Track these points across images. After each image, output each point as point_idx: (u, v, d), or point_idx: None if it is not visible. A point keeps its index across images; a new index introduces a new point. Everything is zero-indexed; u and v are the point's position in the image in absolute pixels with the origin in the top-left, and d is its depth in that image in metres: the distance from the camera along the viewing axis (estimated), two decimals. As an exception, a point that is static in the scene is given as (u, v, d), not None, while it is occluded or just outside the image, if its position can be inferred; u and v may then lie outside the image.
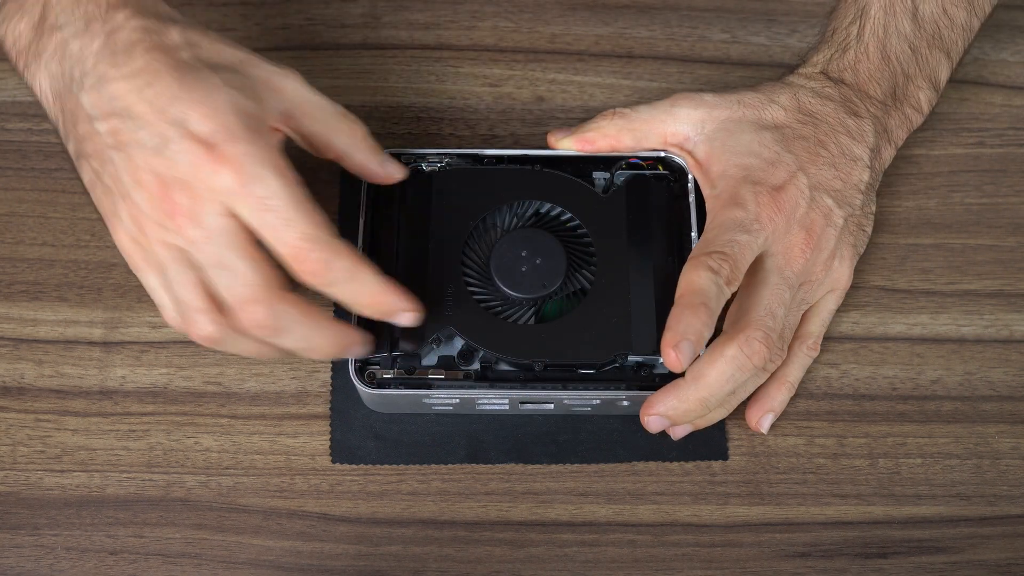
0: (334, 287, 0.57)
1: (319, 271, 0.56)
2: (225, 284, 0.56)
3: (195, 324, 0.57)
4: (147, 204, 0.55)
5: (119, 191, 0.56)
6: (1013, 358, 0.69)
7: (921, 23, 0.68)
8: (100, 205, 0.58)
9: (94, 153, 0.57)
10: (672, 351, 0.59)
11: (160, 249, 0.56)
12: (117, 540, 0.64)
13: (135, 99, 0.55)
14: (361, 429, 0.66)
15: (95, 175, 0.57)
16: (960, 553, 0.65)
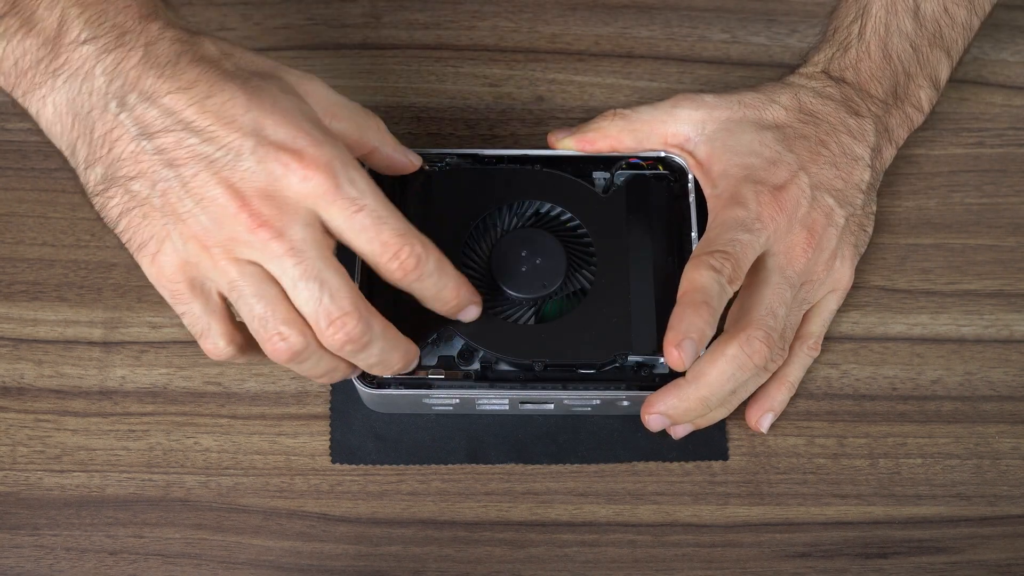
0: (424, 280, 0.56)
1: (413, 266, 0.55)
2: (314, 298, 0.54)
3: (282, 339, 0.55)
4: (218, 220, 0.53)
5: (174, 211, 0.53)
6: (1013, 358, 0.69)
7: (922, 21, 0.68)
8: (136, 233, 0.55)
9: (138, 175, 0.53)
10: (675, 350, 0.59)
11: (229, 267, 0.53)
12: (117, 540, 0.64)
13: (196, 112, 0.53)
14: (361, 429, 0.66)
15: (134, 200, 0.54)
16: (960, 553, 0.65)
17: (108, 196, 0.54)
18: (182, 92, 0.53)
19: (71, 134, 0.54)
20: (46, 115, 0.54)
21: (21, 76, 0.54)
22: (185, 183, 0.53)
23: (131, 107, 0.53)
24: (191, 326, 0.56)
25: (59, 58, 0.53)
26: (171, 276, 0.55)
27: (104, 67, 0.53)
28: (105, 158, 0.54)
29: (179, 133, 0.53)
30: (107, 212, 0.55)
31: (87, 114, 0.53)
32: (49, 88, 0.54)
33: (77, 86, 0.53)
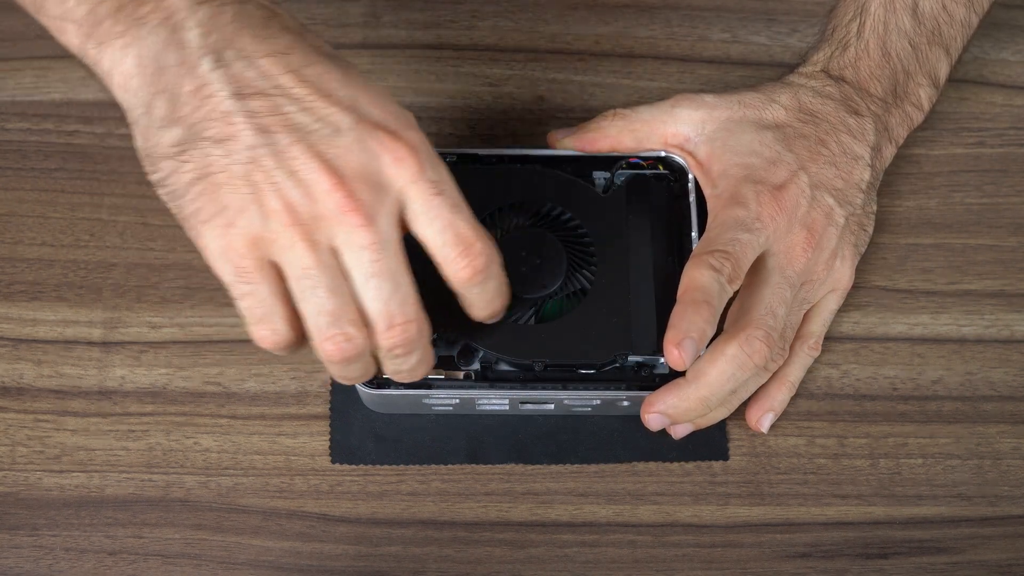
0: (485, 284, 0.54)
1: (483, 265, 0.53)
2: (384, 298, 0.51)
3: (347, 339, 0.52)
4: (310, 196, 0.50)
5: (261, 182, 0.50)
6: (1014, 358, 0.69)
7: (921, 19, 0.68)
8: (209, 202, 0.50)
9: (226, 138, 0.49)
10: (675, 349, 0.59)
11: (308, 252, 0.50)
12: (116, 540, 0.64)
13: (293, 80, 0.50)
14: (361, 429, 0.66)
15: (214, 165, 0.50)
16: (961, 553, 0.65)
17: (183, 160, 0.50)
18: (279, 56, 0.50)
19: (150, 89, 0.50)
20: (124, 68, 0.49)
21: (97, 25, 0.49)
22: (278, 152, 0.50)
23: (227, 63, 0.49)
24: (249, 309, 0.52)
25: (144, 5, 0.49)
26: (241, 251, 0.50)
27: (198, 19, 0.49)
28: (189, 117, 0.50)
29: (276, 98, 0.50)
30: (176, 178, 0.50)
31: (174, 67, 0.49)
32: (132, 37, 0.49)
33: (165, 37, 0.49)
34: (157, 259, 0.70)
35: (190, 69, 0.49)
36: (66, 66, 0.74)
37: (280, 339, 0.53)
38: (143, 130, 0.51)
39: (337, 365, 0.53)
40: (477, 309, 0.57)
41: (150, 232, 0.70)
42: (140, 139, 0.51)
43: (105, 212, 0.71)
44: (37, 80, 0.73)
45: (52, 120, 0.73)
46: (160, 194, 0.52)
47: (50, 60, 0.74)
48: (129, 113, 0.51)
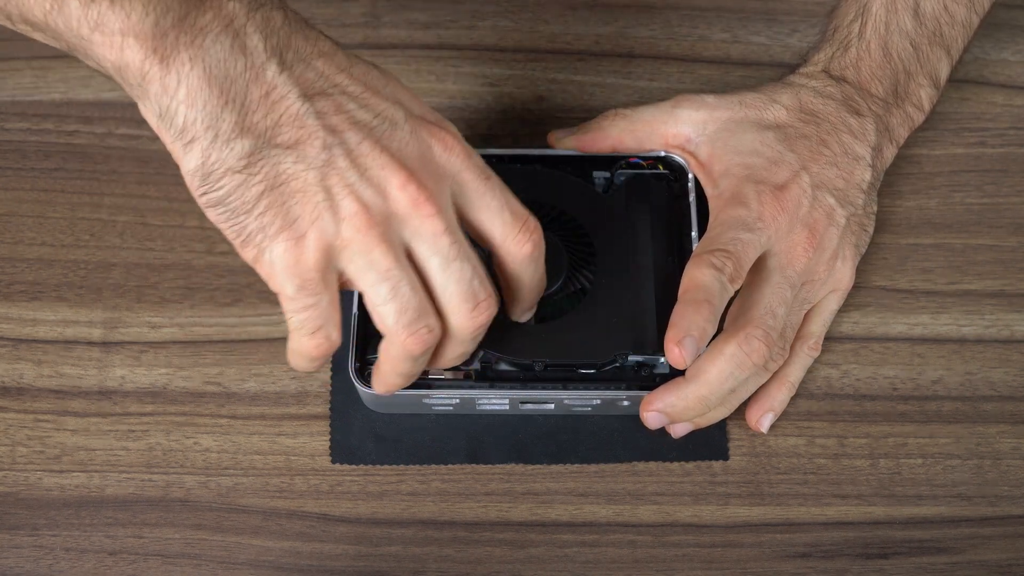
0: (541, 259, 0.56)
1: (540, 238, 0.55)
2: (466, 278, 0.52)
3: (430, 331, 0.53)
4: (383, 193, 0.50)
5: (335, 185, 0.49)
6: (1014, 358, 0.69)
7: (922, 20, 0.68)
8: (279, 215, 0.49)
9: (298, 142, 0.49)
10: (676, 347, 0.59)
11: (387, 253, 0.50)
12: (116, 540, 0.64)
13: (346, 78, 0.50)
14: (361, 429, 0.66)
15: (284, 174, 0.49)
16: (961, 553, 0.65)
17: (252, 172, 0.49)
18: (328, 57, 0.50)
19: (218, 101, 0.48)
20: (191, 82, 0.47)
21: (162, 37, 0.47)
22: (350, 151, 0.50)
23: (290, 66, 0.49)
24: (308, 320, 0.52)
25: (205, 14, 0.48)
26: (311, 263, 0.50)
27: (257, 24, 0.49)
28: (260, 124, 0.49)
29: (338, 97, 0.50)
30: (241, 192, 0.49)
31: (240, 75, 0.48)
32: (198, 48, 0.47)
33: (229, 44, 0.48)
34: (157, 259, 0.70)
35: (257, 74, 0.48)
36: (66, 66, 0.74)
37: (333, 346, 0.53)
38: (205, 148, 0.49)
39: (415, 359, 0.54)
40: (529, 290, 0.58)
41: (150, 232, 0.70)
42: (199, 157, 0.49)
43: (105, 212, 0.71)
44: (37, 80, 0.73)
45: (52, 120, 0.73)
46: (213, 215, 0.50)
47: (50, 60, 0.74)
48: (187, 131, 0.49)
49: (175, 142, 0.49)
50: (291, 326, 0.53)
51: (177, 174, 0.71)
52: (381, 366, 0.57)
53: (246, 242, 0.51)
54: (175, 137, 0.49)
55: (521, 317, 0.61)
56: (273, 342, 0.68)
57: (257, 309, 0.68)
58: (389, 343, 0.54)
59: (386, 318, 0.52)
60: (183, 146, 0.49)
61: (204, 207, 0.50)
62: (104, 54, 0.47)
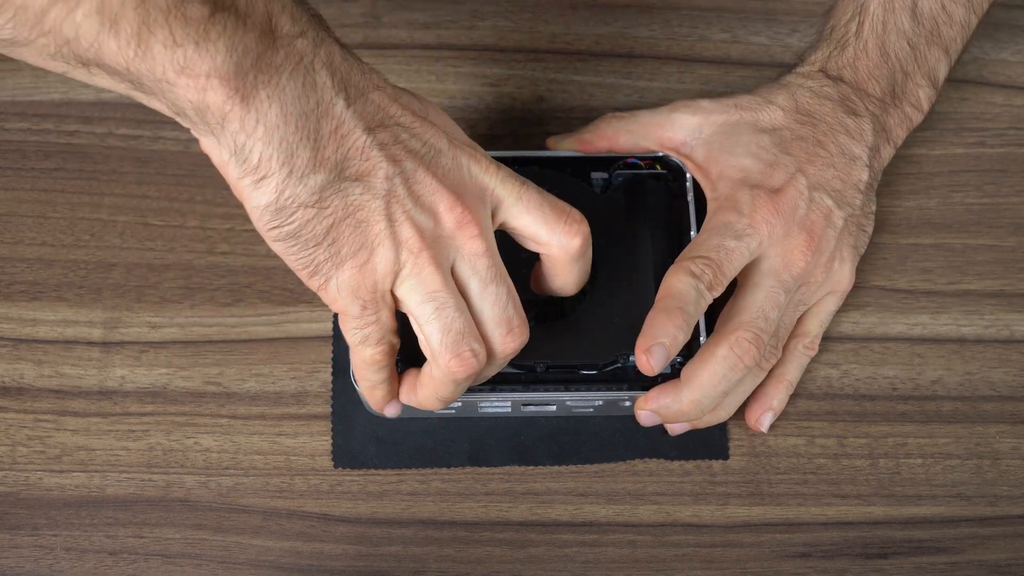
0: (586, 256, 0.58)
1: (587, 232, 0.57)
2: (502, 302, 0.55)
3: (474, 355, 0.54)
4: (435, 217, 0.53)
5: (394, 212, 0.52)
6: (1014, 358, 0.69)
7: (920, 19, 0.68)
8: (346, 243, 0.52)
9: (365, 173, 0.51)
10: (643, 355, 0.59)
11: (436, 274, 0.53)
12: (116, 540, 0.64)
13: (398, 109, 0.52)
14: (363, 433, 0.66)
15: (352, 204, 0.51)
16: (961, 553, 0.65)
17: (323, 205, 0.51)
18: (381, 90, 0.52)
19: (294, 137, 0.49)
20: (270, 120, 0.48)
21: (243, 78, 0.47)
22: (407, 179, 0.52)
23: (353, 100, 0.51)
24: (372, 334, 0.55)
25: (278, 53, 0.48)
26: (372, 285, 0.53)
27: (322, 61, 0.50)
28: (332, 158, 0.50)
29: (393, 128, 0.52)
30: (313, 225, 0.51)
31: (313, 111, 0.49)
32: (274, 87, 0.48)
33: (300, 81, 0.49)
34: (157, 259, 0.70)
35: (327, 109, 0.50)
36: (66, 66, 0.74)
37: (393, 351, 0.57)
38: (279, 184, 0.50)
39: (457, 383, 0.56)
40: (574, 283, 0.59)
41: (150, 232, 0.70)
42: (272, 194, 0.50)
43: (105, 212, 0.71)
44: (37, 80, 0.73)
45: (52, 120, 0.73)
46: (282, 248, 0.52)
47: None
48: (261, 167, 0.49)
49: (244, 178, 0.50)
50: (354, 341, 0.55)
51: (178, 174, 0.72)
52: (422, 388, 0.58)
53: (314, 272, 0.53)
54: (246, 173, 0.50)
55: None
56: (273, 342, 0.68)
57: (257, 309, 0.68)
58: (433, 364, 0.55)
59: (431, 337, 0.54)
60: (254, 182, 0.50)
61: (273, 241, 0.52)
62: (187, 96, 0.48)
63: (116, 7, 0.45)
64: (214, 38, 0.46)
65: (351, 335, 0.55)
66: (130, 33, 0.45)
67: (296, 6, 0.50)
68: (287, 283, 0.69)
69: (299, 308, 0.69)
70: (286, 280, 0.69)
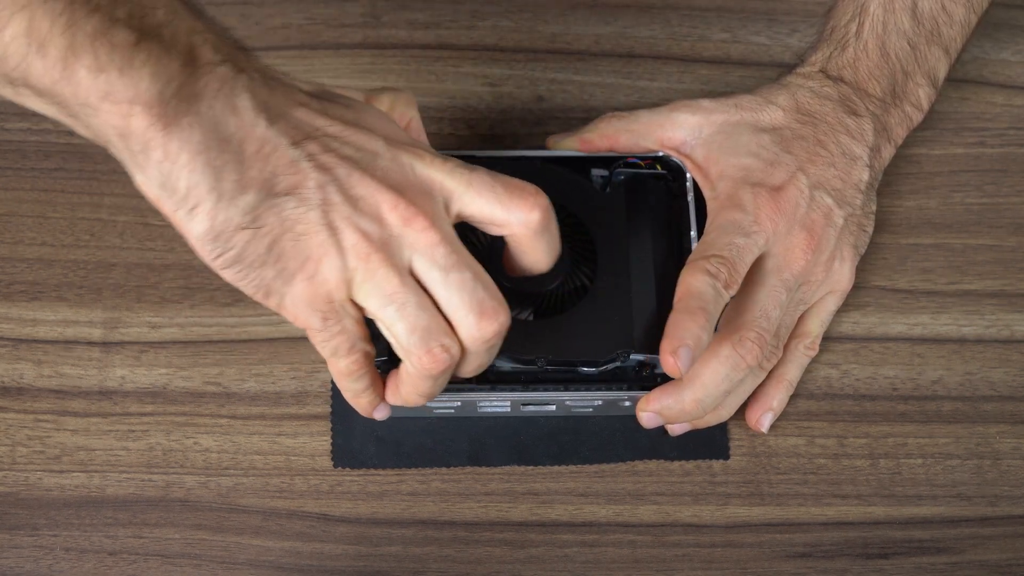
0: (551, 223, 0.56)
1: (546, 201, 0.55)
2: (468, 288, 0.53)
3: (445, 350, 0.54)
4: (377, 219, 0.52)
5: (334, 220, 0.52)
6: (1014, 358, 0.69)
7: (920, 19, 0.68)
8: (291, 259, 0.52)
9: (296, 187, 0.51)
10: (671, 357, 0.59)
11: (391, 276, 0.52)
12: (116, 540, 0.64)
13: (325, 120, 0.52)
14: (362, 433, 0.66)
15: (289, 219, 0.51)
16: (961, 554, 0.65)
17: (259, 224, 0.51)
18: (305, 106, 0.52)
19: (219, 161, 0.49)
20: (192, 145, 0.49)
21: (165, 106, 0.48)
22: (341, 185, 0.52)
23: (275, 119, 0.51)
24: (340, 345, 0.55)
25: (199, 81, 0.49)
26: (329, 296, 0.53)
27: (243, 85, 0.50)
28: (258, 177, 0.50)
29: (322, 139, 0.52)
30: (253, 246, 0.51)
31: (234, 134, 0.50)
32: (195, 114, 0.49)
33: (221, 106, 0.49)
34: (157, 259, 0.70)
35: (250, 131, 0.50)
36: (66, 66, 0.74)
37: (367, 359, 0.56)
38: (210, 210, 0.50)
39: (434, 378, 0.55)
40: (544, 258, 0.58)
41: (150, 232, 0.70)
42: (206, 221, 0.50)
43: (105, 212, 0.71)
44: (37, 80, 0.73)
45: (52, 120, 0.72)
46: (231, 275, 0.52)
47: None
48: (190, 196, 0.50)
49: (178, 211, 0.50)
50: (325, 353, 0.55)
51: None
52: (402, 385, 0.57)
53: (268, 292, 0.53)
54: (178, 205, 0.50)
55: None
56: (273, 342, 0.68)
57: (257, 309, 0.68)
58: (407, 363, 0.55)
59: (399, 338, 0.54)
60: (187, 213, 0.50)
61: (220, 270, 0.52)
62: (110, 121, 0.48)
63: (44, 30, 0.45)
64: (138, 65, 0.47)
65: (321, 348, 0.55)
66: (56, 56, 0.46)
67: (218, 38, 0.50)
68: (287, 283, 0.69)
69: (299, 308, 0.68)
70: (286, 280, 0.69)
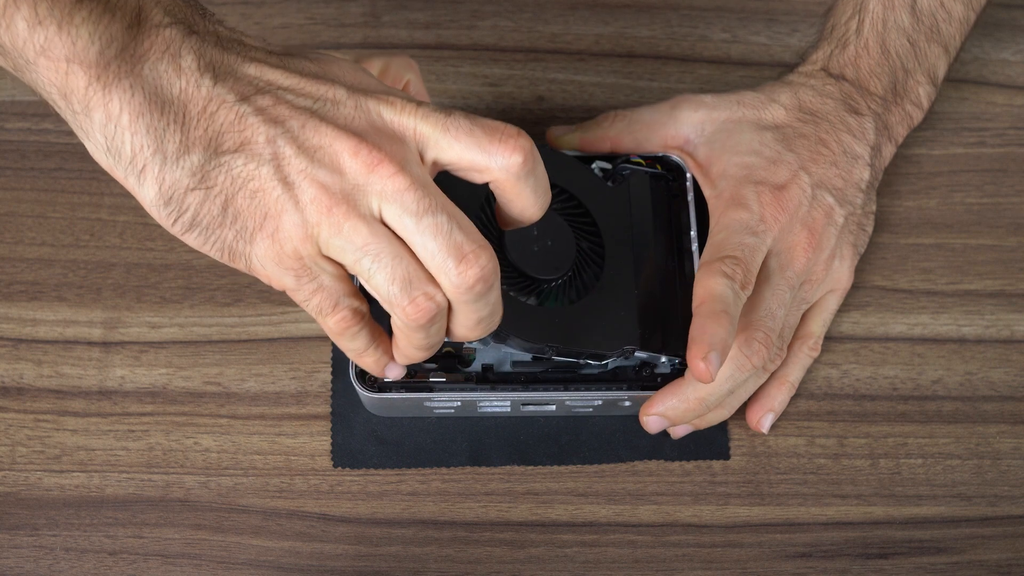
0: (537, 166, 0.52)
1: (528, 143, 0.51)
2: (444, 231, 0.50)
3: (429, 298, 0.51)
4: (336, 168, 0.49)
5: (288, 174, 0.49)
6: (1014, 358, 0.69)
7: (919, 16, 0.68)
8: (248, 218, 0.50)
9: (244, 143, 0.49)
10: (701, 363, 0.58)
11: (359, 227, 0.49)
12: (116, 540, 0.64)
13: (282, 75, 0.50)
14: (362, 433, 0.66)
15: (239, 177, 0.50)
16: (961, 553, 0.65)
17: (209, 185, 0.50)
18: (259, 62, 0.51)
19: (160, 123, 0.49)
20: (132, 108, 0.48)
21: (105, 67, 0.48)
22: (295, 136, 0.49)
23: (224, 77, 0.49)
24: (322, 303, 0.52)
25: (143, 43, 0.48)
26: (295, 252, 0.50)
27: (190, 46, 0.49)
28: (203, 137, 0.49)
29: (275, 92, 0.50)
30: (207, 207, 0.50)
31: (178, 96, 0.49)
32: (136, 76, 0.48)
33: (165, 68, 0.49)
34: (157, 259, 0.70)
35: (194, 91, 0.49)
36: (66, 66, 0.74)
37: (357, 314, 0.53)
38: (157, 173, 0.49)
39: (423, 329, 0.52)
40: (532, 206, 0.54)
41: (150, 232, 0.70)
42: (156, 185, 0.50)
43: (105, 212, 0.71)
44: (37, 80, 0.73)
45: (52, 120, 0.73)
46: (192, 240, 0.51)
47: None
48: (136, 159, 0.49)
49: (128, 176, 0.50)
50: (312, 314, 0.53)
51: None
52: (398, 342, 0.55)
53: (232, 254, 0.51)
54: (127, 170, 0.50)
55: None
56: (273, 342, 0.68)
57: (257, 309, 0.68)
58: (393, 316, 0.52)
59: (379, 290, 0.51)
60: (136, 178, 0.50)
61: (181, 235, 0.51)
62: (50, 78, 0.48)
63: None
64: (78, 23, 0.46)
65: (305, 308, 0.53)
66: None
67: (174, 1, 0.50)
68: (287, 283, 0.69)
69: (299, 308, 0.68)
70: (286, 280, 0.69)
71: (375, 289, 0.51)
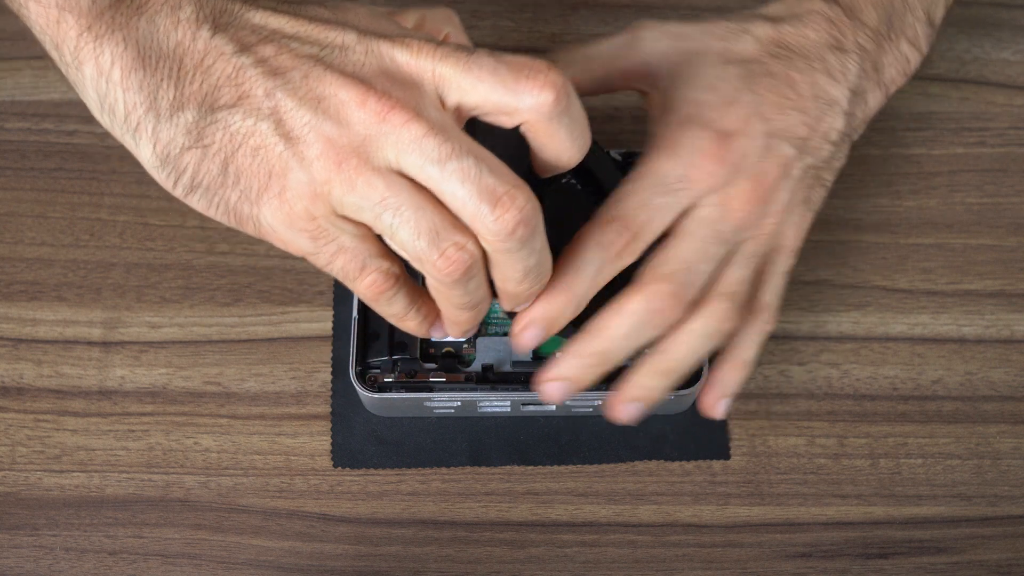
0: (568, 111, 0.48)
1: (559, 75, 0.47)
2: (472, 175, 0.45)
3: (460, 248, 0.47)
4: (344, 120, 0.46)
5: (292, 129, 0.46)
6: (1014, 358, 0.69)
7: None
8: (251, 177, 0.47)
9: (242, 97, 0.46)
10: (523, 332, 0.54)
11: (374, 181, 0.46)
12: (116, 540, 0.64)
13: (288, 21, 0.47)
14: (362, 432, 0.66)
15: (238, 134, 0.47)
16: (961, 554, 0.65)
17: (206, 144, 0.47)
18: (267, 11, 0.48)
19: (153, 79, 0.46)
20: (124, 62, 0.46)
21: (99, 16, 0.45)
22: (296, 88, 0.46)
23: (224, 28, 0.47)
24: (346, 267, 0.49)
25: None
26: (306, 212, 0.47)
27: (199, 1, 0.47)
28: (198, 92, 0.46)
29: (279, 41, 0.47)
30: (206, 166, 0.47)
31: (174, 49, 0.46)
32: (132, 28, 0.46)
33: (162, 22, 0.46)
34: (157, 259, 0.70)
35: (191, 43, 0.47)
36: (66, 66, 0.74)
37: (390, 276, 0.49)
38: (152, 132, 0.47)
39: (460, 284, 0.48)
40: (570, 149, 0.50)
41: (150, 232, 0.70)
42: (151, 144, 0.47)
43: (105, 212, 0.71)
44: (37, 80, 0.73)
45: (52, 120, 0.73)
46: (195, 202, 0.49)
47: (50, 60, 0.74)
48: (131, 117, 0.47)
49: (124, 136, 0.48)
50: (341, 279, 0.50)
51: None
52: (439, 304, 0.51)
53: (239, 218, 0.49)
54: (122, 129, 0.47)
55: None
56: (273, 342, 0.68)
57: (257, 309, 0.68)
58: (427, 275, 0.49)
59: (406, 247, 0.47)
60: (132, 138, 0.47)
61: (183, 198, 0.49)
62: (41, 24, 0.46)
63: None
64: None
65: (332, 274, 0.49)
66: None
67: None
68: (287, 283, 0.69)
69: (299, 308, 0.69)
70: (286, 280, 0.69)
71: (401, 246, 0.48)
